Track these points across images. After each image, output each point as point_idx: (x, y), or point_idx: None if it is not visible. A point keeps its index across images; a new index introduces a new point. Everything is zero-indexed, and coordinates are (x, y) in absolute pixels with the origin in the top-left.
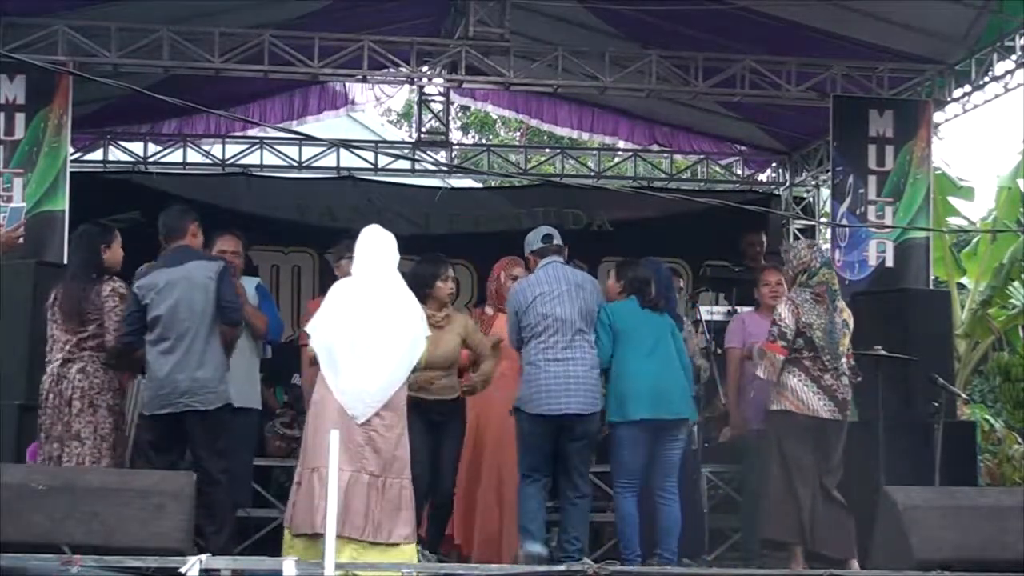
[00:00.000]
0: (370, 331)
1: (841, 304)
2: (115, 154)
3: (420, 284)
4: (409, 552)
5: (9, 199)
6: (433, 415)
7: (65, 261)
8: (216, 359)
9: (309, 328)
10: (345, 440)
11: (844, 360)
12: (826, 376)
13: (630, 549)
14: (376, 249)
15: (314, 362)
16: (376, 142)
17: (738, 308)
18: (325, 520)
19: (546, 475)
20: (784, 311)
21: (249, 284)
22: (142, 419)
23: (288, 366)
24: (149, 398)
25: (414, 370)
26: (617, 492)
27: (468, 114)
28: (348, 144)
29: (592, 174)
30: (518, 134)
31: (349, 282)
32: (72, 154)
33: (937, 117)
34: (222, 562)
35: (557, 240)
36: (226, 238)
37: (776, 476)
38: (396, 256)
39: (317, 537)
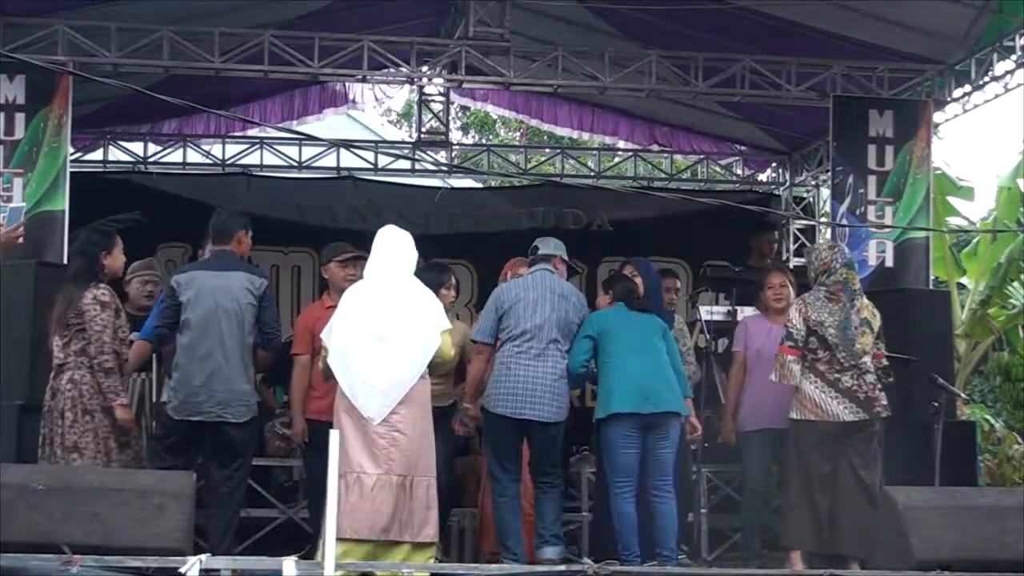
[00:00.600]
0: (381, 330)
1: (862, 303)
2: (115, 154)
3: None
4: (431, 552)
5: (9, 199)
6: None
7: (65, 261)
8: (250, 372)
9: (323, 335)
10: (369, 444)
11: (868, 359)
12: (845, 377)
13: (629, 550)
14: (388, 249)
15: (304, 368)
16: (376, 142)
17: (738, 308)
18: (350, 523)
19: (515, 479)
20: (793, 312)
21: None
22: (165, 419)
23: (288, 367)
24: (180, 402)
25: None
26: (613, 493)
27: (468, 114)
28: (348, 144)
29: (592, 174)
30: (518, 134)
31: (360, 286)
32: (72, 154)
33: (937, 117)
34: (222, 562)
35: (545, 249)
36: None
37: (795, 485)
38: (412, 254)
39: (343, 541)
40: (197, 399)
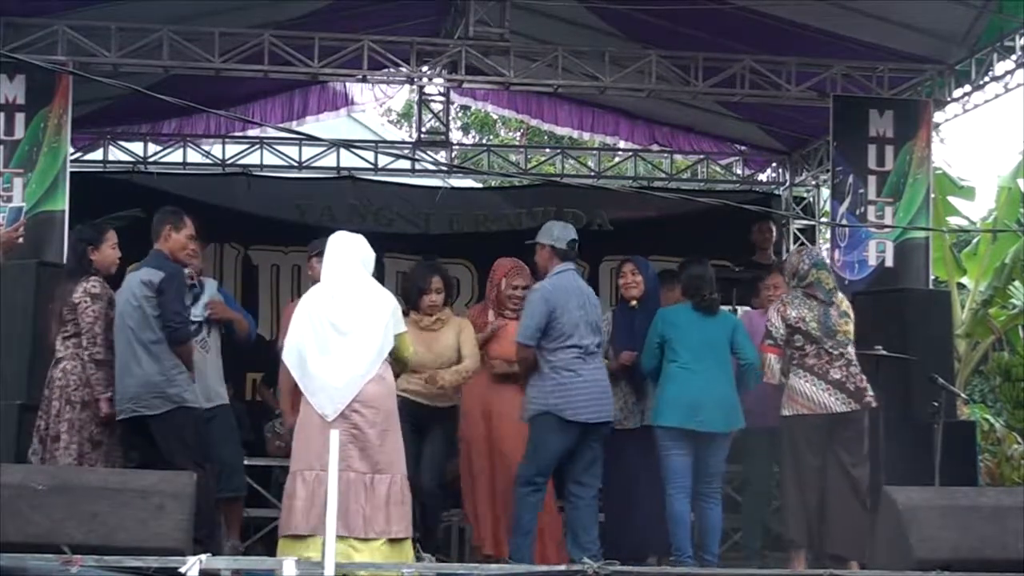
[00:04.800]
0: (335, 330)
1: (839, 298)
2: (115, 154)
3: (408, 295)
4: (406, 548)
5: (9, 199)
6: (421, 419)
7: (65, 261)
8: (162, 364)
9: (284, 343)
10: (327, 440)
11: (852, 349)
12: (833, 370)
13: (681, 550)
14: (341, 254)
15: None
16: (376, 142)
17: (738, 308)
18: (305, 520)
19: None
20: (771, 312)
21: (210, 287)
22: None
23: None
24: (114, 403)
25: (408, 368)
26: (667, 494)
27: (468, 114)
28: (348, 144)
29: (592, 174)
30: (518, 134)
31: (316, 289)
32: (72, 154)
33: (937, 117)
34: (222, 562)
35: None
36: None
37: (791, 482)
38: (365, 256)
39: (298, 538)
40: (118, 398)
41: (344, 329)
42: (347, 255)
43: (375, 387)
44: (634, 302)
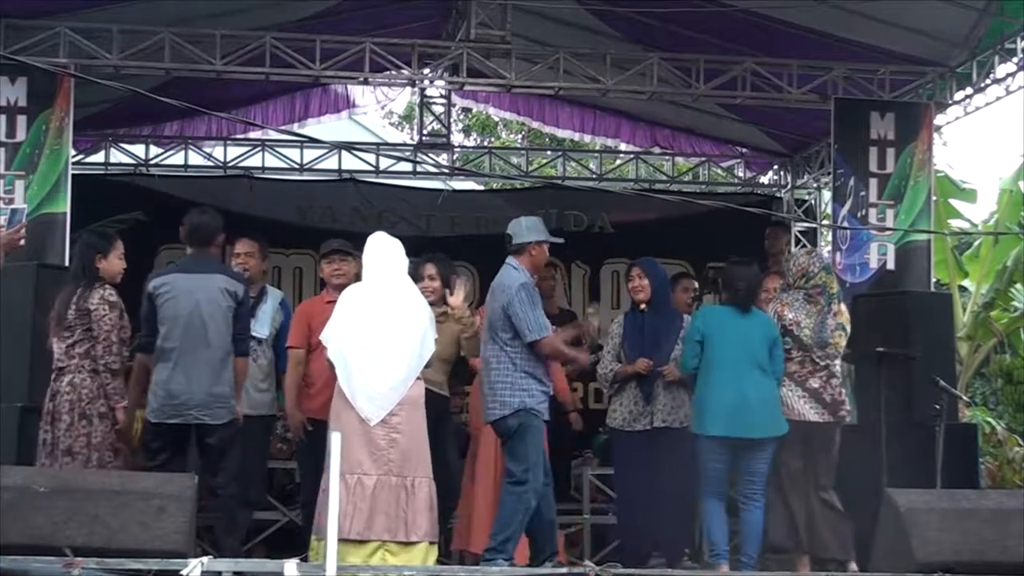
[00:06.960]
0: (379, 333)
1: (839, 308)
2: (116, 156)
3: None
4: (434, 551)
5: (11, 201)
6: (431, 408)
7: (67, 264)
8: (229, 374)
9: (323, 337)
10: (368, 444)
11: (838, 362)
12: (813, 379)
13: (716, 546)
14: (381, 254)
15: (299, 363)
16: (377, 144)
17: None
18: (353, 524)
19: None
20: (768, 311)
21: (273, 299)
22: (148, 425)
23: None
24: (159, 405)
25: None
26: (703, 493)
27: (470, 116)
28: (349, 146)
29: (594, 176)
30: (520, 136)
31: (357, 288)
32: (74, 156)
33: (938, 119)
34: (224, 564)
35: (518, 239)
36: (243, 241)
37: (769, 484)
38: (403, 260)
39: (345, 542)
40: (175, 402)
41: (391, 334)
42: (389, 256)
43: (415, 390)
44: (643, 306)
